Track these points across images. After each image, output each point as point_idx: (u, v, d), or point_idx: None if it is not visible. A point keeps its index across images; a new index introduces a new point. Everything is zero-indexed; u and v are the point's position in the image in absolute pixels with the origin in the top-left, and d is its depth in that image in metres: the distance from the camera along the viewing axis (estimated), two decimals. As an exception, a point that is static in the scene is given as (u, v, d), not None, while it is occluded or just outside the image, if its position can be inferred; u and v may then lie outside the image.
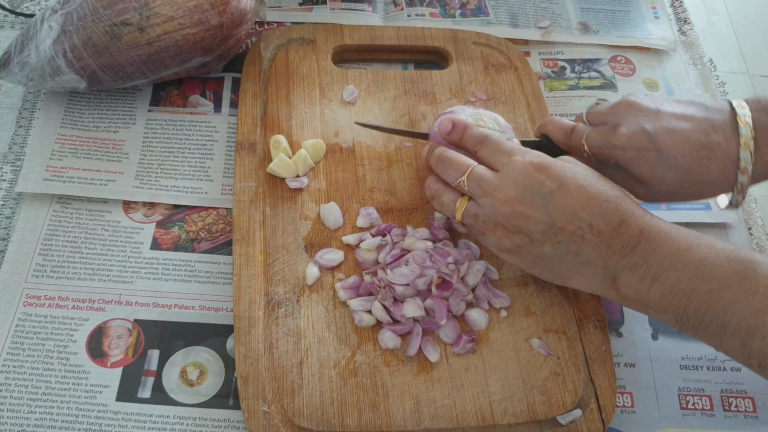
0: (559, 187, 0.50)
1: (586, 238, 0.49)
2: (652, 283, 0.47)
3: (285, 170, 0.61)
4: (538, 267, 0.53)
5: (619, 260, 0.49)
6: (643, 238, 0.48)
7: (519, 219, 0.51)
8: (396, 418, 0.52)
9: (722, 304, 0.44)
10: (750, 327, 0.43)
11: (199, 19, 0.61)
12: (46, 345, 0.54)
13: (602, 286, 0.51)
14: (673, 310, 0.47)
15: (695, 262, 0.46)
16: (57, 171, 0.63)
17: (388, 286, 0.55)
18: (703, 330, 0.46)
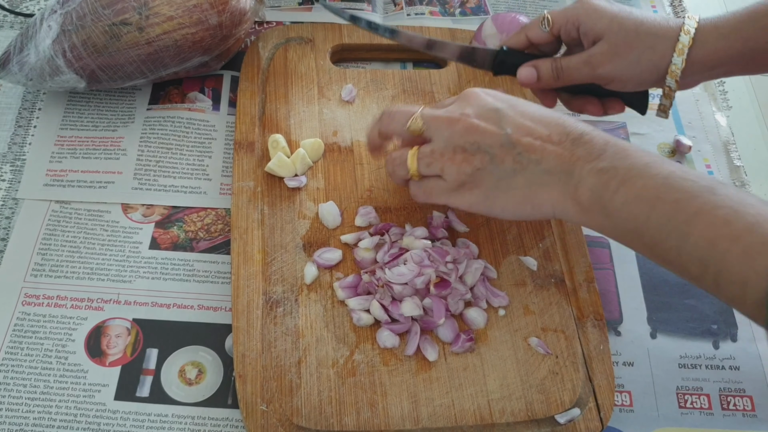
0: (511, 105, 0.52)
1: (547, 146, 0.49)
2: (617, 188, 0.46)
3: (283, 169, 0.61)
4: (500, 194, 0.51)
5: (584, 165, 0.48)
6: (609, 148, 0.48)
7: (477, 134, 0.50)
8: (394, 417, 0.52)
9: (686, 214, 0.43)
10: (712, 238, 0.41)
11: (199, 18, 0.61)
12: (45, 344, 0.54)
13: (564, 199, 0.49)
14: (633, 219, 0.45)
15: (664, 172, 0.45)
16: (56, 174, 0.63)
17: (386, 285, 0.55)
18: (662, 241, 0.44)
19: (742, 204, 0.42)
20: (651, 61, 0.57)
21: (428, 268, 0.55)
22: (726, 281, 0.41)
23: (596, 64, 0.58)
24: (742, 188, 0.44)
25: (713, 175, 0.65)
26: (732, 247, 0.41)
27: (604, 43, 0.57)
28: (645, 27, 0.57)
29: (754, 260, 0.40)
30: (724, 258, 0.41)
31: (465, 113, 0.52)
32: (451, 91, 0.70)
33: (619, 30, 0.57)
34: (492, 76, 0.72)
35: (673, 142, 0.72)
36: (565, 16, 0.59)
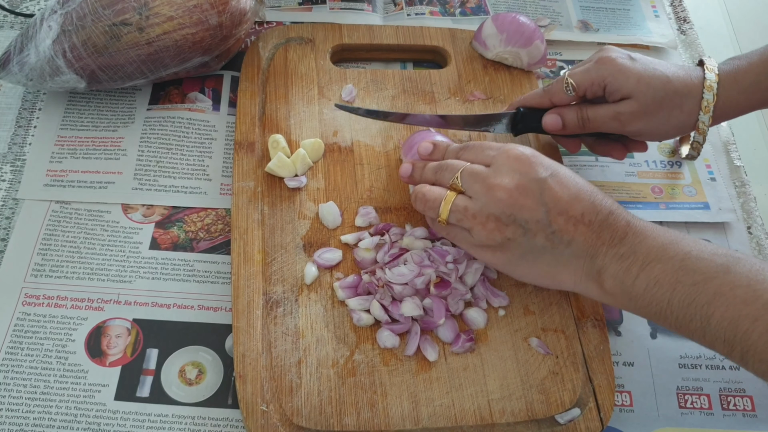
0: (552, 174, 0.51)
1: (579, 227, 0.50)
2: (638, 274, 0.47)
3: (283, 170, 0.61)
4: (523, 263, 0.52)
5: (608, 250, 0.49)
6: (630, 230, 0.49)
7: (515, 208, 0.50)
8: (394, 418, 0.52)
9: (706, 296, 0.44)
10: (733, 319, 0.43)
11: (199, 18, 0.61)
12: (45, 344, 0.54)
13: (587, 281, 0.51)
14: (656, 302, 0.47)
15: (681, 254, 0.46)
16: (57, 175, 0.63)
17: (386, 286, 0.55)
18: (686, 324, 0.46)
19: (758, 281, 0.43)
20: (679, 119, 0.59)
21: (428, 269, 0.55)
22: (752, 359, 0.43)
23: (625, 121, 0.59)
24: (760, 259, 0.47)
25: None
26: (753, 327, 0.42)
27: (633, 103, 0.58)
28: (671, 86, 0.58)
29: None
30: (748, 337, 0.43)
31: (506, 183, 0.51)
32: (451, 91, 0.70)
33: (647, 90, 0.57)
34: (492, 77, 0.72)
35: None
36: (590, 78, 0.59)
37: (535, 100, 0.63)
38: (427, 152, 0.59)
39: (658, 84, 0.57)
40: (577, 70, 0.60)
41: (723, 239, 0.66)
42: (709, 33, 0.86)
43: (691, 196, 0.69)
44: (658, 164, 0.71)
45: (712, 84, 0.58)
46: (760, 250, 0.66)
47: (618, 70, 0.58)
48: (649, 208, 0.67)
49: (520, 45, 0.70)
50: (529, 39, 0.70)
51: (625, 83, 0.57)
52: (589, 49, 0.79)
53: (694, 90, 0.58)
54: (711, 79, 0.58)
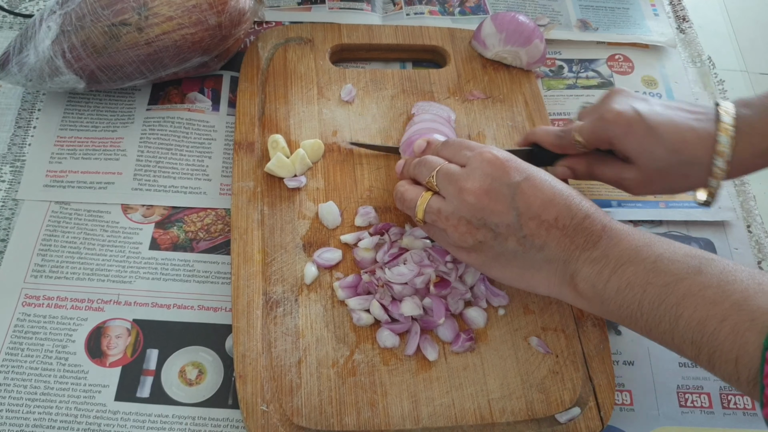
0: (525, 179, 0.50)
1: (551, 232, 0.49)
2: (609, 277, 0.47)
3: (283, 170, 0.61)
4: (497, 265, 0.52)
5: (581, 254, 0.48)
6: (605, 234, 0.48)
7: (485, 212, 0.50)
8: (394, 417, 0.52)
9: (676, 297, 0.44)
10: (701, 320, 0.42)
11: (198, 18, 0.61)
12: (45, 345, 0.54)
13: (560, 284, 0.50)
14: (627, 305, 0.46)
15: (653, 256, 0.46)
16: (56, 175, 0.63)
17: (386, 285, 0.55)
18: (656, 325, 0.45)
19: (728, 282, 0.42)
20: (685, 185, 0.57)
21: (428, 268, 0.55)
22: (719, 361, 0.42)
23: (629, 187, 0.58)
24: (733, 261, 0.45)
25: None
26: (721, 327, 0.41)
27: (635, 170, 0.56)
28: (677, 156, 0.54)
29: (742, 337, 0.40)
30: (715, 338, 0.41)
31: (476, 187, 0.50)
32: (451, 91, 0.70)
33: (649, 160, 0.55)
34: (491, 76, 0.72)
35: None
36: (597, 137, 0.57)
37: (548, 144, 0.61)
38: (420, 150, 0.59)
39: (662, 154, 0.54)
40: (586, 126, 0.58)
41: (722, 238, 0.66)
42: (708, 32, 0.86)
43: (691, 195, 0.69)
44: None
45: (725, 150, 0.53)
46: (760, 248, 0.66)
47: (622, 132, 0.55)
48: (649, 206, 0.67)
49: (519, 44, 0.70)
50: (528, 38, 0.70)
51: (629, 147, 0.56)
52: (588, 48, 0.79)
53: (703, 157, 0.54)
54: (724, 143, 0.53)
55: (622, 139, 0.56)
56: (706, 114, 0.55)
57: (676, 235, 0.66)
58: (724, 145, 0.53)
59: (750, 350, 0.39)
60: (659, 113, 0.55)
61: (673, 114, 0.55)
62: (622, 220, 0.66)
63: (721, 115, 0.54)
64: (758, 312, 0.40)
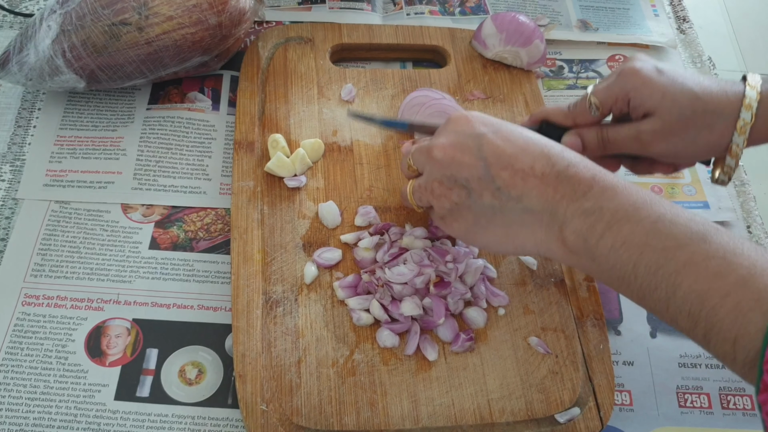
0: (494, 131, 0.47)
1: (528, 180, 0.45)
2: (603, 232, 0.43)
3: (283, 169, 0.61)
4: (480, 229, 0.49)
5: (569, 204, 0.44)
6: (596, 184, 0.44)
7: (453, 167, 0.48)
8: (394, 417, 0.52)
9: (676, 264, 0.40)
10: (702, 292, 0.39)
11: (198, 18, 0.61)
12: (45, 344, 0.54)
13: (548, 239, 0.46)
14: (621, 266, 0.42)
15: (653, 215, 0.42)
16: (56, 175, 0.63)
17: (386, 285, 0.55)
18: (650, 292, 0.41)
19: (734, 254, 0.39)
20: (708, 141, 0.53)
21: (428, 268, 0.55)
22: (716, 338, 0.39)
23: (647, 142, 0.54)
24: (738, 235, 0.42)
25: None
26: (723, 303, 0.38)
27: (656, 120, 0.53)
28: (701, 103, 0.51)
29: (745, 317, 0.37)
30: (715, 314, 0.38)
31: (441, 143, 0.49)
32: (451, 91, 0.70)
33: (672, 107, 0.52)
34: (492, 76, 0.72)
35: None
36: (613, 94, 0.54)
37: (558, 117, 0.58)
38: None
39: (685, 101, 0.52)
40: (601, 86, 0.55)
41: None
42: (708, 32, 0.86)
43: (691, 196, 0.69)
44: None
45: (752, 102, 0.51)
46: (760, 249, 0.66)
47: (642, 83, 0.53)
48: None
49: (519, 44, 0.70)
50: (528, 38, 0.70)
51: (648, 98, 0.52)
52: (589, 48, 0.79)
53: (728, 108, 0.51)
54: (751, 96, 0.51)
55: (641, 89, 0.52)
56: (732, 80, 0.53)
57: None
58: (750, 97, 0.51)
59: (751, 331, 0.37)
60: (681, 71, 0.54)
61: (696, 74, 0.54)
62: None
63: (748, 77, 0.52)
64: (765, 291, 0.37)
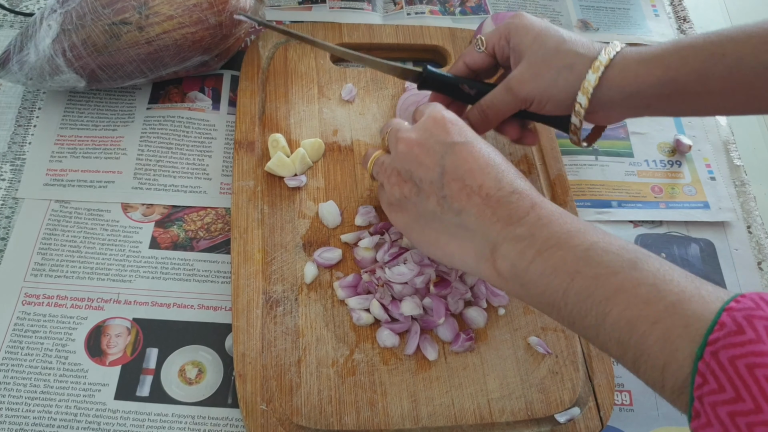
0: (464, 143, 0.48)
1: (472, 198, 0.46)
2: (534, 258, 0.43)
3: (283, 169, 0.61)
4: (418, 227, 0.51)
5: (502, 229, 0.45)
6: (533, 212, 0.45)
7: (413, 164, 0.49)
8: (394, 417, 0.52)
9: (606, 291, 0.40)
10: (631, 319, 0.39)
11: (198, 18, 0.61)
12: (45, 344, 0.54)
13: (478, 258, 0.47)
14: (551, 292, 0.42)
15: (585, 243, 0.42)
16: (57, 174, 0.63)
17: (386, 285, 0.55)
18: (580, 319, 0.41)
19: (664, 281, 0.39)
20: (568, 81, 0.54)
21: (428, 268, 0.55)
22: (645, 365, 0.39)
23: (515, 86, 0.55)
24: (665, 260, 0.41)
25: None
26: (652, 330, 0.38)
27: (524, 63, 0.55)
28: (566, 46, 0.54)
29: (673, 344, 0.37)
30: (644, 341, 0.38)
31: (411, 138, 0.50)
32: (451, 91, 0.70)
33: (539, 49, 0.54)
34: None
35: (673, 141, 0.73)
36: (498, 33, 0.58)
37: (454, 68, 0.61)
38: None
39: (552, 43, 0.54)
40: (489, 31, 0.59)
41: (723, 238, 0.66)
42: (709, 32, 0.86)
43: (691, 196, 0.69)
44: (658, 163, 0.71)
45: (611, 50, 0.53)
46: (760, 249, 0.66)
47: (522, 25, 0.56)
48: (649, 207, 0.67)
49: (519, 44, 0.70)
50: (528, 38, 0.70)
51: (523, 38, 0.55)
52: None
53: (591, 52, 0.53)
54: (612, 47, 0.53)
55: (519, 30, 0.56)
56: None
57: (676, 236, 0.66)
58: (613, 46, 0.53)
59: (680, 358, 0.37)
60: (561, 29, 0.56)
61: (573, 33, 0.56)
62: (621, 221, 0.67)
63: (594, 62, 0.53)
64: (693, 318, 0.37)
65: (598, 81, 0.52)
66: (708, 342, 0.35)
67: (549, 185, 0.65)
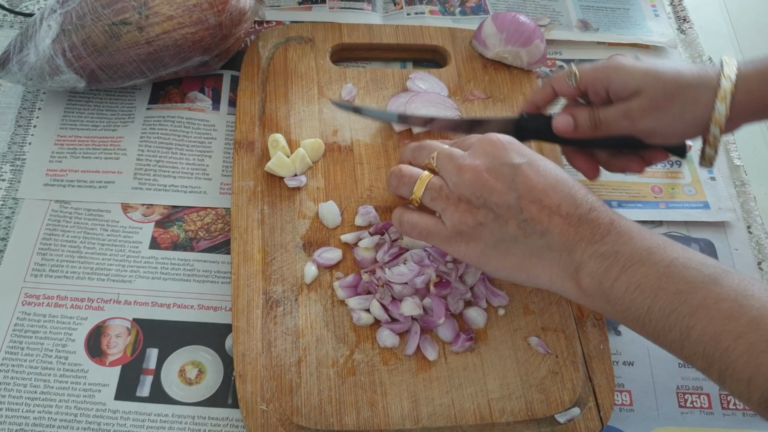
0: (528, 163, 0.49)
1: (554, 218, 0.47)
2: (618, 275, 0.45)
3: (283, 169, 0.61)
4: (497, 254, 0.50)
5: (587, 247, 0.46)
6: (613, 228, 0.46)
7: (485, 190, 0.48)
8: (394, 417, 0.52)
9: (689, 307, 0.42)
10: (715, 334, 0.40)
11: (198, 18, 0.61)
12: (45, 344, 0.54)
13: (563, 277, 0.48)
14: (636, 308, 0.44)
15: (667, 260, 0.44)
16: (57, 174, 0.63)
17: (386, 285, 0.55)
18: (665, 333, 0.43)
19: (745, 296, 0.40)
20: (694, 114, 0.54)
21: (428, 268, 0.55)
22: (731, 378, 0.40)
23: (636, 117, 0.55)
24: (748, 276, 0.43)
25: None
26: (735, 344, 0.39)
27: (642, 98, 0.54)
28: (684, 79, 0.53)
29: (757, 358, 0.39)
30: (728, 355, 0.40)
31: (476, 164, 0.49)
32: (451, 91, 0.70)
33: (656, 82, 0.54)
34: (492, 76, 0.72)
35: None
36: (594, 74, 0.56)
37: (538, 94, 0.61)
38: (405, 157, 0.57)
39: (668, 77, 0.54)
40: (582, 66, 0.58)
41: (723, 238, 0.66)
42: (709, 32, 0.86)
43: (691, 196, 0.69)
44: (658, 164, 0.71)
45: (730, 73, 0.52)
46: (760, 249, 0.66)
47: (622, 67, 0.55)
48: (649, 207, 0.67)
49: (519, 44, 0.70)
50: (528, 38, 0.70)
51: (630, 79, 0.54)
52: (589, 49, 0.79)
53: (710, 81, 0.53)
54: (729, 69, 0.53)
55: (621, 72, 0.55)
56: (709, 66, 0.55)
57: (676, 236, 0.66)
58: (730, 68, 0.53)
59: (765, 372, 0.38)
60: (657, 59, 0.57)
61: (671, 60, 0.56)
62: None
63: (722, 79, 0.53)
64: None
65: (728, 111, 0.53)
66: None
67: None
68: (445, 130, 0.64)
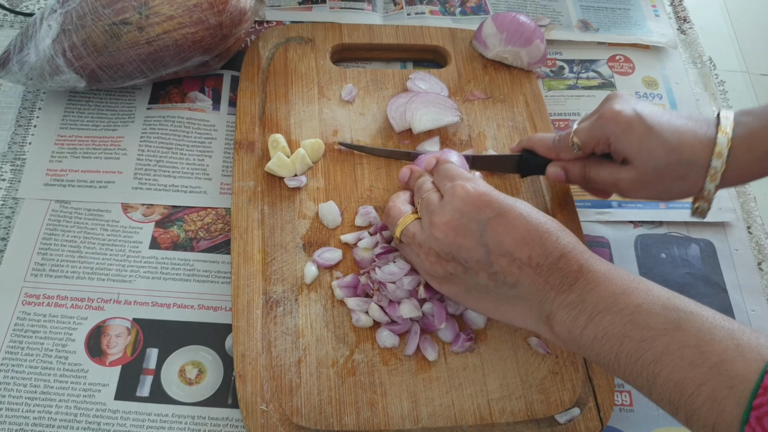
0: (497, 215, 0.48)
1: (524, 270, 0.47)
2: (586, 324, 0.45)
3: (283, 169, 0.61)
4: (471, 297, 0.51)
5: (556, 296, 0.46)
6: (581, 276, 0.46)
7: (452, 247, 0.49)
8: (394, 417, 0.52)
9: (653, 354, 0.42)
10: (679, 381, 0.41)
11: (199, 18, 0.61)
12: (45, 344, 0.54)
13: (537, 323, 0.48)
14: (604, 354, 0.44)
15: (631, 307, 0.44)
16: (57, 174, 0.63)
17: (380, 286, 0.55)
18: (633, 379, 0.44)
19: (706, 341, 0.41)
20: (682, 189, 0.55)
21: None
22: (696, 424, 0.40)
23: (625, 189, 0.57)
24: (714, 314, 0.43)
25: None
26: (698, 391, 0.40)
27: (632, 171, 0.55)
28: (675, 155, 0.54)
29: (720, 405, 0.39)
30: (692, 401, 0.40)
31: (445, 221, 0.49)
32: (451, 91, 0.70)
33: (647, 159, 0.54)
34: (492, 76, 0.72)
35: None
36: (595, 137, 0.57)
37: (542, 149, 0.61)
38: (430, 167, 0.57)
39: (661, 153, 0.54)
40: (583, 126, 0.58)
41: (723, 239, 0.66)
42: (709, 33, 0.86)
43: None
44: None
45: (723, 151, 0.53)
46: (760, 249, 0.66)
47: (621, 130, 0.55)
48: (649, 207, 0.67)
49: (520, 44, 0.70)
50: (529, 38, 0.70)
51: (627, 146, 0.55)
52: (589, 49, 0.79)
53: (702, 158, 0.53)
54: (722, 144, 0.53)
55: (620, 136, 0.55)
56: (707, 121, 0.55)
57: (676, 236, 0.66)
58: (721, 145, 0.53)
59: (728, 419, 0.38)
60: (659, 115, 0.55)
61: (673, 118, 0.55)
62: (621, 221, 0.67)
63: (721, 119, 0.54)
64: (737, 379, 0.38)
65: (717, 188, 0.54)
66: (753, 407, 0.37)
67: (549, 185, 0.65)
68: None
